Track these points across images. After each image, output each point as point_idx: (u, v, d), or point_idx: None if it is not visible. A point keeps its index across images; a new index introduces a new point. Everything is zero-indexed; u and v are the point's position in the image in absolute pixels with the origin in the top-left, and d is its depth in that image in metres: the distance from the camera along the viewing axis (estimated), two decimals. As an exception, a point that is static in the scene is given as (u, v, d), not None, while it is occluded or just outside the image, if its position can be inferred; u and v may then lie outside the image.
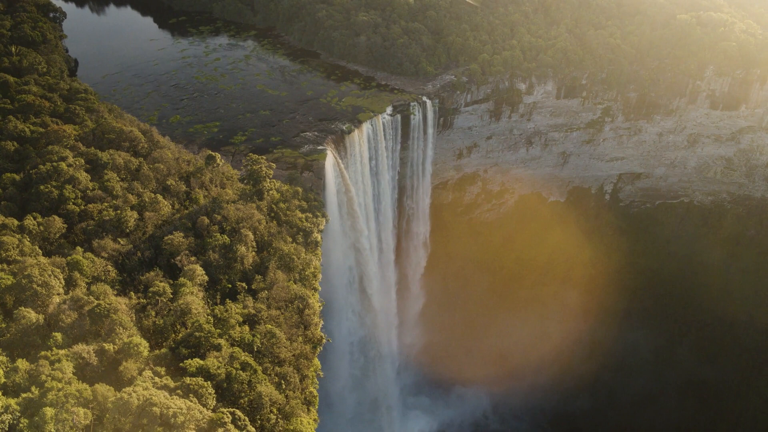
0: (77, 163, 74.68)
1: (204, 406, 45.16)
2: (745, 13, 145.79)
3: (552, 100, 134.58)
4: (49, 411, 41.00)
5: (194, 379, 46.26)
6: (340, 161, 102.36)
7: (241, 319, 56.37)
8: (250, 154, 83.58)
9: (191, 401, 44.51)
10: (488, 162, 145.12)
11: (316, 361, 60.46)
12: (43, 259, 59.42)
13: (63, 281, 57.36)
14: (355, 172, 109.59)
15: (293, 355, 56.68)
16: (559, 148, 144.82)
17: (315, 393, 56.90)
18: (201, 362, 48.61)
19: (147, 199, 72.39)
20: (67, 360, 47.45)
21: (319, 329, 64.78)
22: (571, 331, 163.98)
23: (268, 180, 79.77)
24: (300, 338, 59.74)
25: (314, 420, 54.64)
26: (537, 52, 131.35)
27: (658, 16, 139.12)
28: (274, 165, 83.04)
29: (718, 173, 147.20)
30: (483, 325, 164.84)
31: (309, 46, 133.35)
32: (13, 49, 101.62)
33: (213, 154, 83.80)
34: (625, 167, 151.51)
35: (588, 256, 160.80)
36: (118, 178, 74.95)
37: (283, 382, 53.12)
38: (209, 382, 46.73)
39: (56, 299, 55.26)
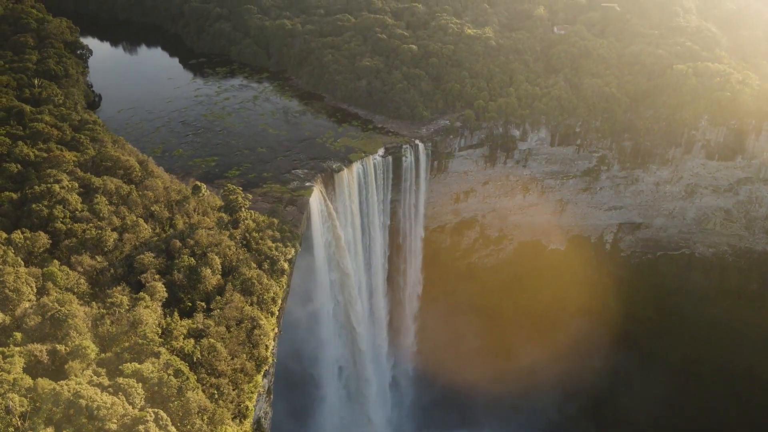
0: (71, 186, 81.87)
1: (131, 404, 49.96)
2: (746, 64, 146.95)
3: (546, 147, 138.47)
4: (-13, 397, 46.60)
5: (126, 379, 51.23)
6: (327, 198, 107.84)
7: (185, 332, 61.47)
8: (228, 184, 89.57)
9: (119, 399, 49.44)
10: (486, 207, 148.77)
11: (258, 379, 64.82)
12: (22, 269, 65.93)
13: (35, 289, 63.65)
14: (344, 211, 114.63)
15: (232, 370, 61.28)
16: (556, 196, 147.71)
17: (250, 407, 61.22)
18: (138, 366, 53.62)
19: (129, 222, 78.87)
20: (20, 356, 53.18)
21: (270, 351, 69.29)
22: (569, 379, 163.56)
23: (244, 210, 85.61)
24: (244, 355, 64.39)
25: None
26: (532, 99, 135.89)
27: (656, 66, 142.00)
28: (250, 196, 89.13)
29: (718, 225, 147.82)
30: (479, 369, 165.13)
31: (315, 89, 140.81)
32: (36, 81, 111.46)
33: (199, 184, 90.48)
34: (624, 217, 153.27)
35: (588, 306, 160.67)
36: (107, 202, 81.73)
37: (216, 392, 57.71)
38: (140, 384, 51.61)
39: (26, 304, 61.40)
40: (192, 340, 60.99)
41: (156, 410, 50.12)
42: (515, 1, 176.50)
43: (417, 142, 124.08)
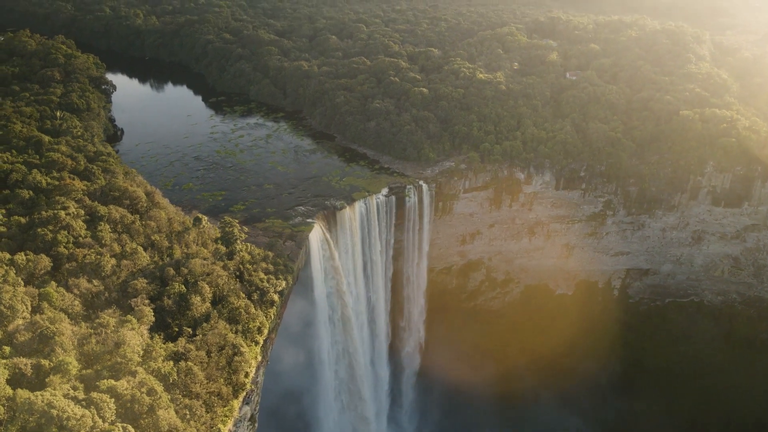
0: (77, 213, 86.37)
1: (101, 418, 52.55)
2: (756, 111, 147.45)
3: (551, 190, 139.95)
4: (-32, 404, 49.79)
5: (99, 394, 53.98)
6: (328, 236, 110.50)
7: (164, 354, 64.25)
8: (226, 217, 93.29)
9: (90, 412, 52.15)
10: (492, 250, 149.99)
11: (234, 404, 67.00)
12: (20, 289, 69.80)
13: (29, 307, 67.32)
14: (345, 248, 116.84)
15: (207, 393, 63.68)
16: (562, 240, 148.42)
17: (223, 430, 63.31)
18: (113, 382, 56.41)
19: (128, 250, 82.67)
20: (5, 368, 56.42)
21: (250, 378, 71.60)
22: (576, 426, 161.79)
23: (240, 242, 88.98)
24: (221, 380, 66.80)
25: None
26: (537, 143, 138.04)
27: (663, 112, 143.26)
28: (246, 228, 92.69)
29: (726, 272, 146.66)
30: (485, 414, 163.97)
31: (327, 129, 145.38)
32: (59, 113, 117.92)
33: (200, 216, 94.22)
34: (631, 263, 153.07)
35: (595, 352, 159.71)
36: (110, 230, 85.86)
37: (188, 413, 60.07)
38: (112, 399, 54.30)
39: (19, 321, 65.02)
40: (171, 363, 63.62)
41: (125, 425, 52.64)
42: (530, 46, 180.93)
43: (421, 182, 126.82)
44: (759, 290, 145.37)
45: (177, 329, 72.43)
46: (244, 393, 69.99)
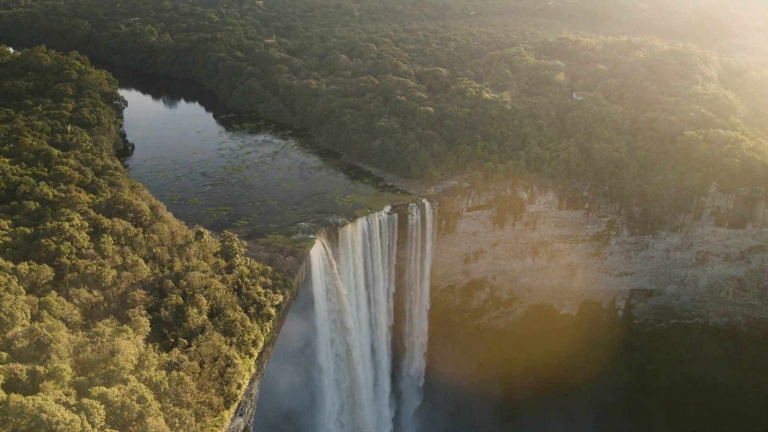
0: (82, 224, 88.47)
1: (90, 423, 53.92)
2: (761, 131, 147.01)
3: (555, 210, 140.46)
4: (-38, 407, 51.41)
5: (90, 400, 55.40)
6: (329, 252, 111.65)
7: (157, 363, 65.62)
8: (226, 231, 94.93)
9: (79, 417, 53.56)
10: (496, 269, 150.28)
11: (225, 414, 68.09)
12: (21, 297, 71.70)
13: (29, 315, 69.13)
14: (347, 265, 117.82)
15: (198, 402, 64.86)
16: (565, 260, 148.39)
17: (213, 440, 64.58)
18: (105, 389, 57.82)
19: (130, 262, 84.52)
20: (0, 373, 58.13)
21: (242, 389, 72.75)
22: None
23: (239, 256, 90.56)
24: (213, 390, 67.99)
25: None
26: (541, 162, 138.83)
27: (668, 132, 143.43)
28: (245, 243, 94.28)
29: (731, 294, 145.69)
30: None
31: (333, 147, 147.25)
32: (69, 128, 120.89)
33: (202, 230, 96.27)
34: (635, 283, 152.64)
35: (599, 373, 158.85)
36: (113, 242, 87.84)
37: (177, 421, 61.25)
38: (103, 406, 55.67)
39: (18, 329, 66.82)
40: (163, 372, 64.95)
41: (114, 431, 53.99)
42: (537, 66, 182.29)
43: (424, 200, 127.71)
44: (764, 312, 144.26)
45: (173, 340, 73.90)
46: (236, 404, 71.07)
